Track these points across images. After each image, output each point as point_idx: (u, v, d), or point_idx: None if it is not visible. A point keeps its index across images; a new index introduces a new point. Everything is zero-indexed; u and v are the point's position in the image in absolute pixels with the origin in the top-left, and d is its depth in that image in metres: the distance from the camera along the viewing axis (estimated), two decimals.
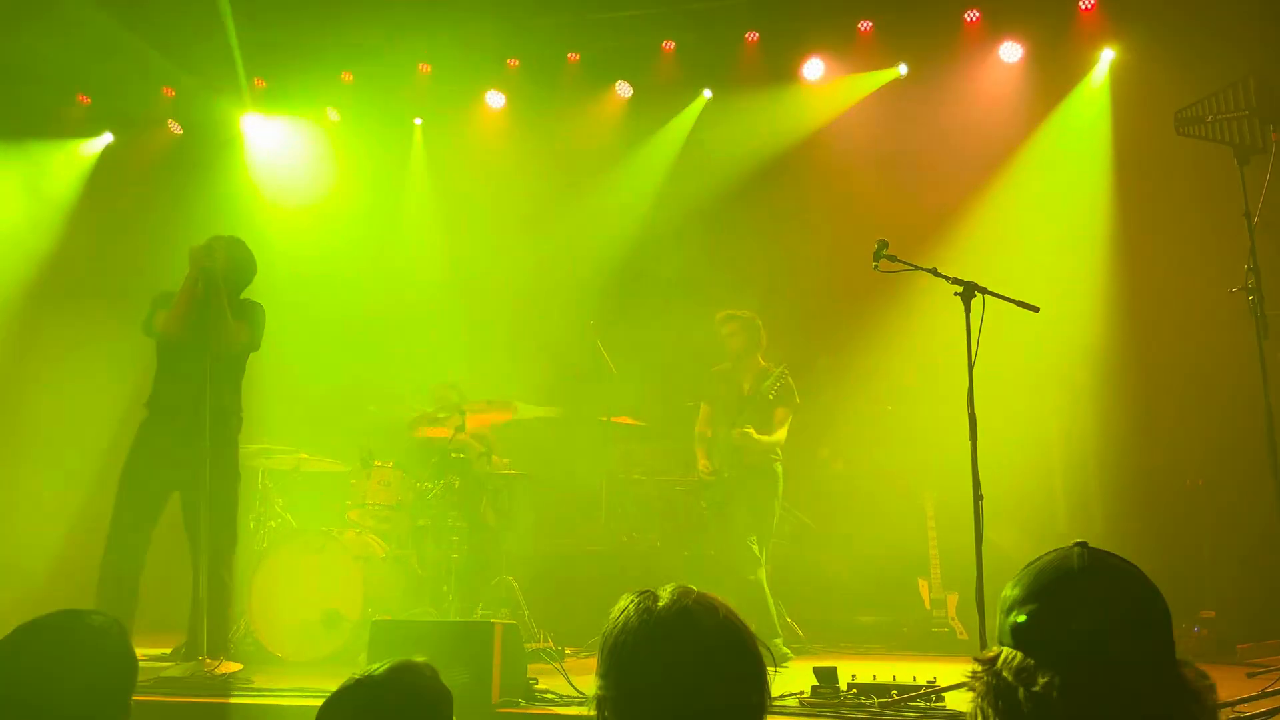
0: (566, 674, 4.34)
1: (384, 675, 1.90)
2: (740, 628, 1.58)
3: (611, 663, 1.58)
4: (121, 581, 4.78)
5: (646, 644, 1.54)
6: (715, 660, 1.52)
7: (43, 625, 1.86)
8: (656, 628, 1.54)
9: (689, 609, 1.57)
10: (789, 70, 8.16)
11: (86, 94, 8.96)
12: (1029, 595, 1.32)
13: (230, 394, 5.13)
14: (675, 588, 1.62)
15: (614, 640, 1.58)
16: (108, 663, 1.87)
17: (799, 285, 7.87)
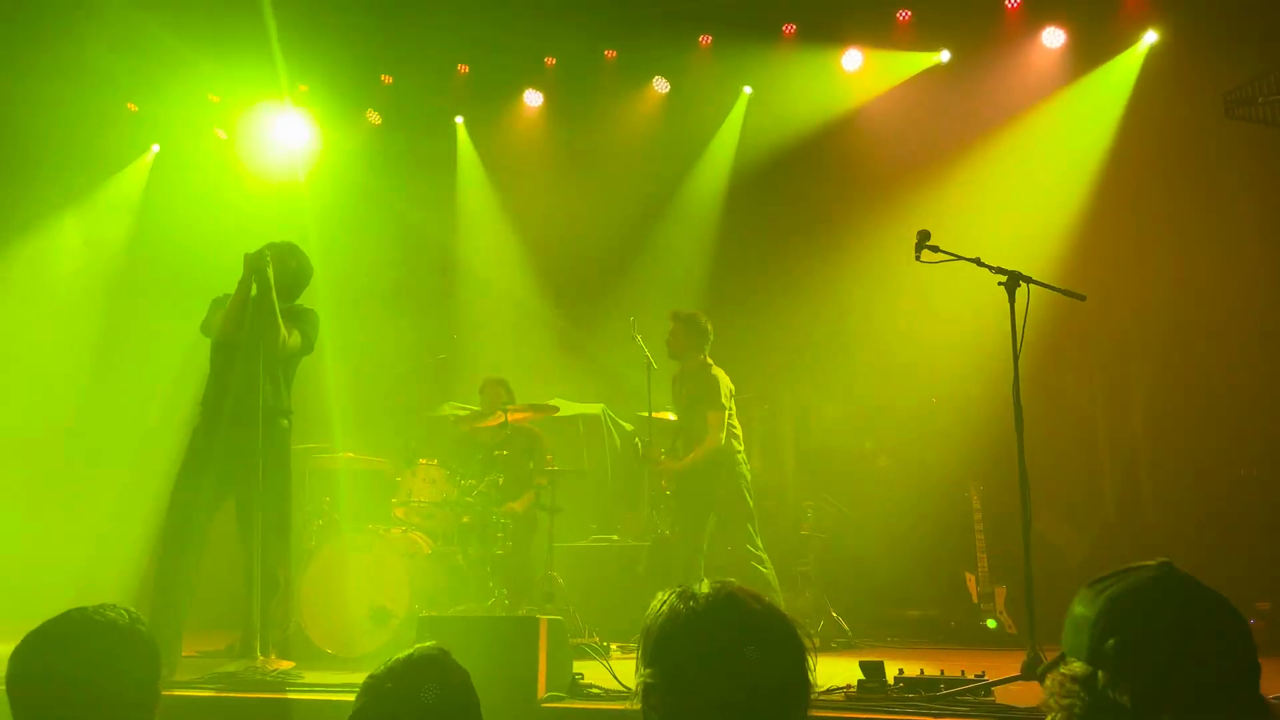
0: (611, 669, 4.36)
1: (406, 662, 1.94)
2: (783, 615, 1.58)
3: (656, 651, 1.59)
4: (176, 580, 4.86)
5: (691, 631, 1.55)
6: (759, 646, 1.53)
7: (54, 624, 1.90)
8: (700, 615, 1.55)
9: (732, 596, 1.58)
10: (827, 62, 8.09)
11: (134, 101, 9.13)
12: (1115, 619, 1.36)
13: (282, 395, 5.21)
14: (716, 580, 1.62)
15: (658, 628, 1.59)
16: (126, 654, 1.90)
17: (840, 278, 7.81)
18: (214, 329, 5.13)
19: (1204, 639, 1.33)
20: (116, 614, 1.90)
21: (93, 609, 1.90)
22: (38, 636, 1.84)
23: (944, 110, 7.80)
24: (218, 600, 5.86)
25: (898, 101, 8.04)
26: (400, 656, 2.03)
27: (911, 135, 7.91)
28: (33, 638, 1.85)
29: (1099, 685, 1.34)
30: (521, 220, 8.80)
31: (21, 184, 8.69)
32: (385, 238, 8.79)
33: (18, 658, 1.83)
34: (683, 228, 8.46)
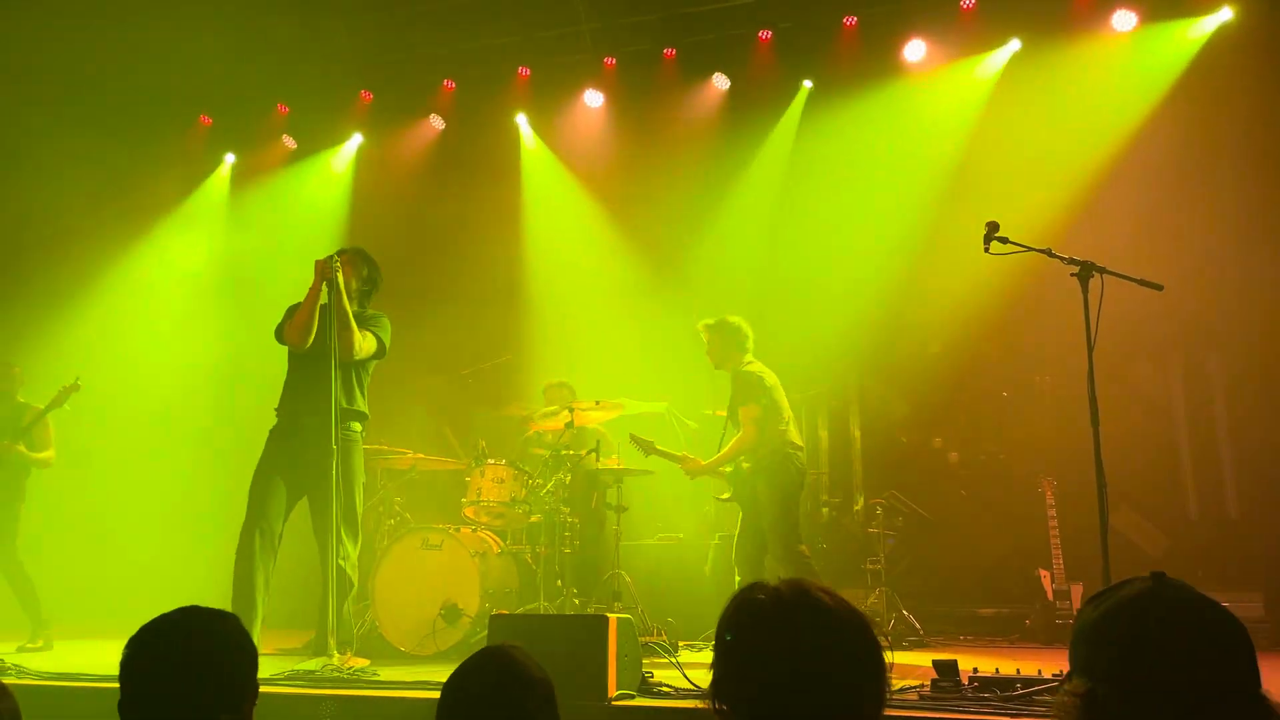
0: (681, 667, 4.36)
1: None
2: (860, 616, 1.57)
3: (728, 644, 1.59)
4: (254, 580, 4.98)
5: (766, 628, 1.54)
6: (835, 647, 1.51)
7: (166, 618, 1.97)
8: (776, 613, 1.55)
9: (809, 595, 1.57)
10: (890, 54, 7.99)
11: (208, 115, 9.39)
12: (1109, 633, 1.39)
13: (356, 399, 5.32)
14: (793, 579, 1.61)
15: (730, 621, 1.59)
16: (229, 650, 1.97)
17: (906, 272, 7.70)
18: (286, 336, 5.24)
19: (1198, 646, 1.33)
20: (222, 614, 1.99)
21: (201, 608, 1.99)
22: (150, 629, 1.92)
23: (1012, 98, 7.64)
24: (294, 599, 6.01)
25: (966, 90, 7.90)
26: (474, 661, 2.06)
27: (982, 124, 7.76)
28: (146, 630, 1.93)
29: (1099, 699, 1.35)
30: (585, 219, 8.84)
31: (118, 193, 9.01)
32: (449, 239, 8.92)
33: (133, 646, 1.91)
34: (744, 223, 8.42)
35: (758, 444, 5.74)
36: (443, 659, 5.63)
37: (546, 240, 8.88)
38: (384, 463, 6.62)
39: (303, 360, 5.21)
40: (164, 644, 1.90)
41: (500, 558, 6.18)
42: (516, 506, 6.21)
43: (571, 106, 8.88)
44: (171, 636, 1.91)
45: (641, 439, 6.12)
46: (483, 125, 9.01)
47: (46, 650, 6.19)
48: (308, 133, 9.36)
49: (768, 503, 5.73)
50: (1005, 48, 7.78)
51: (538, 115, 9.04)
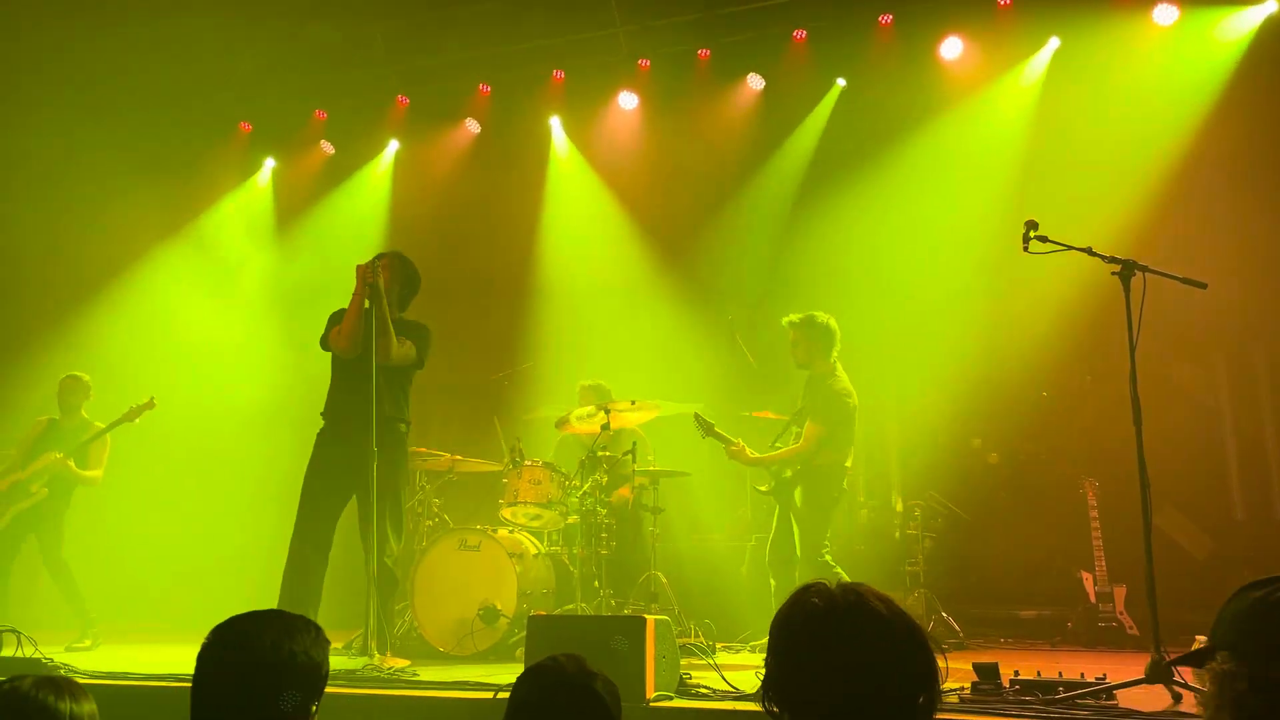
0: (719, 669, 4.37)
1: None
2: (915, 626, 1.57)
3: (780, 646, 1.59)
4: (305, 582, 5.05)
5: (820, 630, 1.55)
6: (889, 657, 1.52)
7: (244, 617, 2.03)
8: (830, 615, 1.55)
9: (862, 599, 1.57)
10: (925, 52, 7.94)
11: (248, 121, 9.53)
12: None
13: (399, 404, 5.37)
14: (850, 584, 1.62)
15: (783, 623, 1.60)
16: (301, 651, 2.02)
17: (943, 271, 7.63)
18: (331, 343, 5.30)
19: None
20: (299, 620, 2.09)
21: (280, 612, 2.09)
22: (228, 626, 1.99)
23: (1053, 96, 7.56)
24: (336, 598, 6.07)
25: (1001, 88, 7.83)
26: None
27: (1021, 121, 7.69)
28: (224, 626, 2.00)
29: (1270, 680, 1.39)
30: (618, 220, 8.86)
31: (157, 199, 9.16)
32: (485, 242, 8.98)
33: (210, 640, 2.00)
34: (777, 222, 8.39)
35: (811, 458, 5.73)
36: (481, 659, 5.67)
37: (581, 243, 8.90)
38: (422, 464, 6.68)
39: (347, 365, 5.27)
40: (238, 640, 1.96)
41: (537, 559, 6.21)
42: (553, 508, 6.23)
43: (606, 109, 8.90)
44: (248, 634, 1.96)
45: (704, 418, 6.09)
46: (518, 128, 9.05)
47: (93, 650, 6.31)
48: (345, 138, 9.47)
49: (803, 511, 5.73)
50: (1045, 48, 7.70)
51: (572, 118, 9.06)
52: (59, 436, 6.81)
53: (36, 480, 6.64)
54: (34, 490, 6.62)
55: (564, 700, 2.17)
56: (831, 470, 5.76)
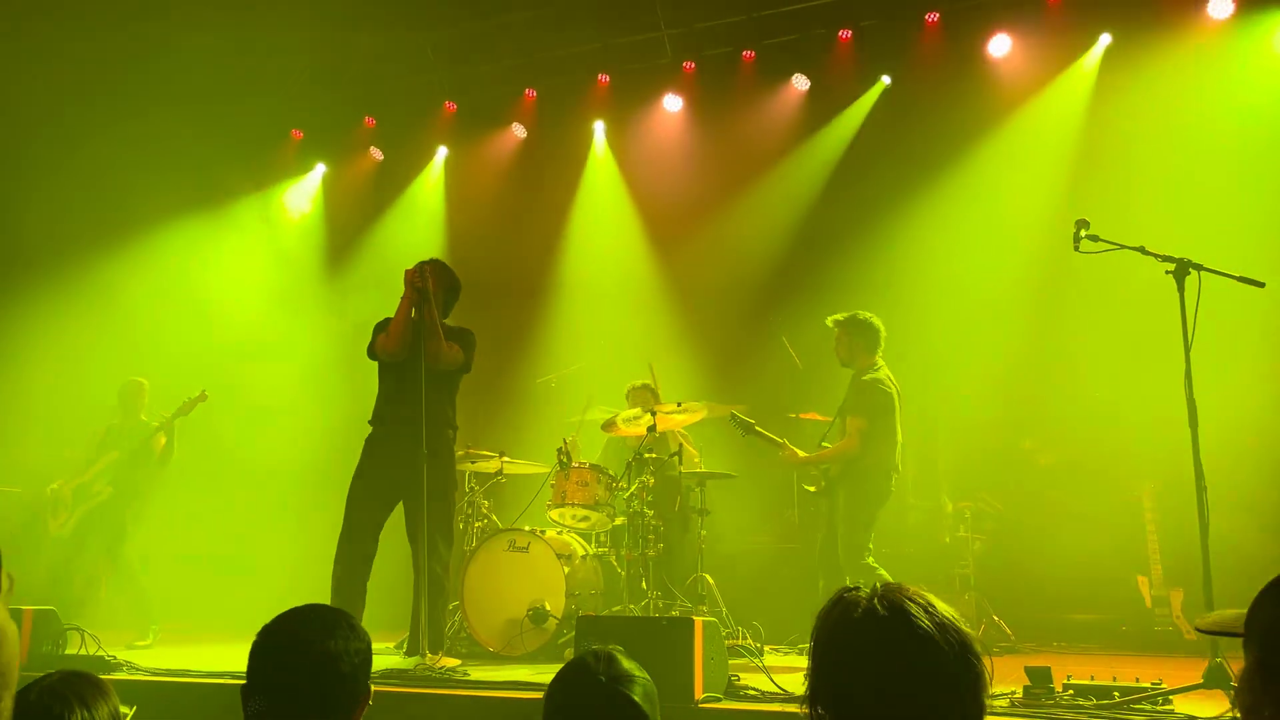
0: (768, 671, 4.37)
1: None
2: (960, 630, 1.54)
3: (823, 653, 1.57)
4: (351, 583, 5.14)
5: (860, 639, 1.52)
6: (933, 662, 1.48)
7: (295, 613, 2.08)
8: (873, 624, 1.52)
9: (906, 607, 1.54)
10: (974, 50, 7.86)
11: (300, 129, 9.71)
12: None
13: (447, 407, 5.44)
14: (891, 585, 1.59)
15: (825, 630, 1.57)
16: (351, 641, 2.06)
17: (994, 270, 7.55)
18: (379, 349, 5.37)
19: None
20: (344, 617, 2.12)
21: (327, 608, 2.13)
22: (279, 623, 2.05)
23: (1103, 93, 7.44)
24: (386, 598, 6.15)
25: (1051, 86, 7.73)
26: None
27: (1067, 120, 7.58)
28: (276, 622, 2.06)
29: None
30: (664, 223, 8.88)
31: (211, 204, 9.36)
32: (531, 245, 9.05)
33: (261, 637, 2.04)
34: (825, 222, 8.35)
35: (857, 457, 5.71)
36: (530, 660, 5.72)
37: (626, 245, 8.94)
38: (471, 466, 6.75)
39: (394, 370, 5.35)
40: (288, 638, 2.01)
41: (585, 560, 6.25)
42: (601, 509, 6.27)
43: (651, 112, 8.93)
44: (297, 632, 2.01)
45: (742, 418, 6.08)
46: (563, 133, 9.12)
47: (153, 647, 6.46)
48: (394, 144, 9.60)
49: (844, 512, 5.73)
50: (1096, 46, 7.59)
51: (617, 121, 9.11)
52: (118, 438, 7.00)
53: (99, 480, 6.82)
54: (97, 490, 6.80)
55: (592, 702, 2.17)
56: (874, 470, 5.72)
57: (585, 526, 6.47)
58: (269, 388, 8.87)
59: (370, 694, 2.06)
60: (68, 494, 6.84)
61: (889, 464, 5.77)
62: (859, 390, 5.79)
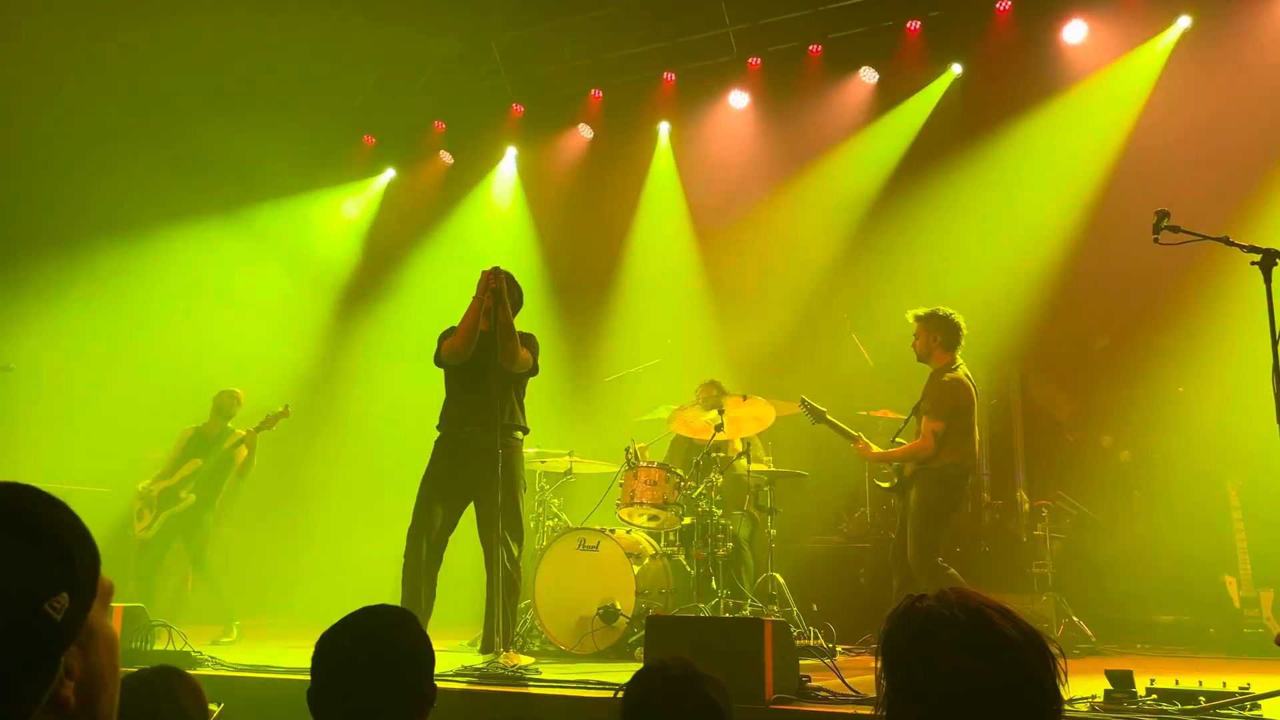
0: (839, 671, 4.33)
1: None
2: (1036, 635, 1.51)
3: (895, 662, 1.56)
4: (420, 583, 5.23)
5: (933, 646, 1.50)
6: (1007, 669, 1.47)
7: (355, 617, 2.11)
8: (947, 631, 1.50)
9: (982, 613, 1.51)
10: (1048, 36, 7.68)
11: (372, 135, 9.90)
12: None
13: (516, 409, 5.50)
14: (963, 590, 1.57)
15: (898, 638, 1.56)
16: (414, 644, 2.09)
17: (1069, 263, 7.37)
18: (446, 350, 5.43)
19: None
20: (408, 618, 2.14)
21: (389, 609, 2.15)
22: (342, 626, 2.08)
23: (1182, 79, 7.21)
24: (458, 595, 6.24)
25: (1131, 71, 7.51)
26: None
27: (1149, 106, 7.36)
28: (338, 627, 2.08)
29: None
30: (731, 220, 8.85)
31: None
32: (599, 245, 9.09)
33: (324, 642, 2.07)
34: (894, 216, 8.23)
35: (930, 459, 5.62)
36: (601, 658, 5.75)
37: (694, 243, 8.93)
38: (541, 465, 6.81)
39: (463, 374, 5.42)
40: (352, 642, 2.04)
41: (655, 559, 6.26)
42: (669, 509, 6.27)
43: (717, 108, 8.91)
44: (360, 636, 2.05)
45: (812, 404, 6.01)
46: (629, 132, 9.15)
47: (236, 643, 6.64)
48: (463, 148, 9.73)
49: (916, 512, 5.63)
50: (1174, 27, 7.36)
51: (682, 119, 9.10)
52: (205, 445, 7.20)
53: (184, 487, 7.04)
54: (183, 496, 7.02)
55: (671, 700, 2.19)
56: (949, 473, 5.63)
57: (654, 525, 6.48)
58: (343, 392, 9.06)
59: (435, 694, 2.09)
60: (154, 496, 7.06)
61: (966, 465, 5.66)
62: (939, 390, 5.67)
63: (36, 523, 1.00)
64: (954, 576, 5.56)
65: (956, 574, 5.54)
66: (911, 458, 5.71)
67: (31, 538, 0.98)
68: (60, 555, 1.00)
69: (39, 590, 0.96)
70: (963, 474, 5.67)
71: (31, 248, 8.78)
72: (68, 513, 1.04)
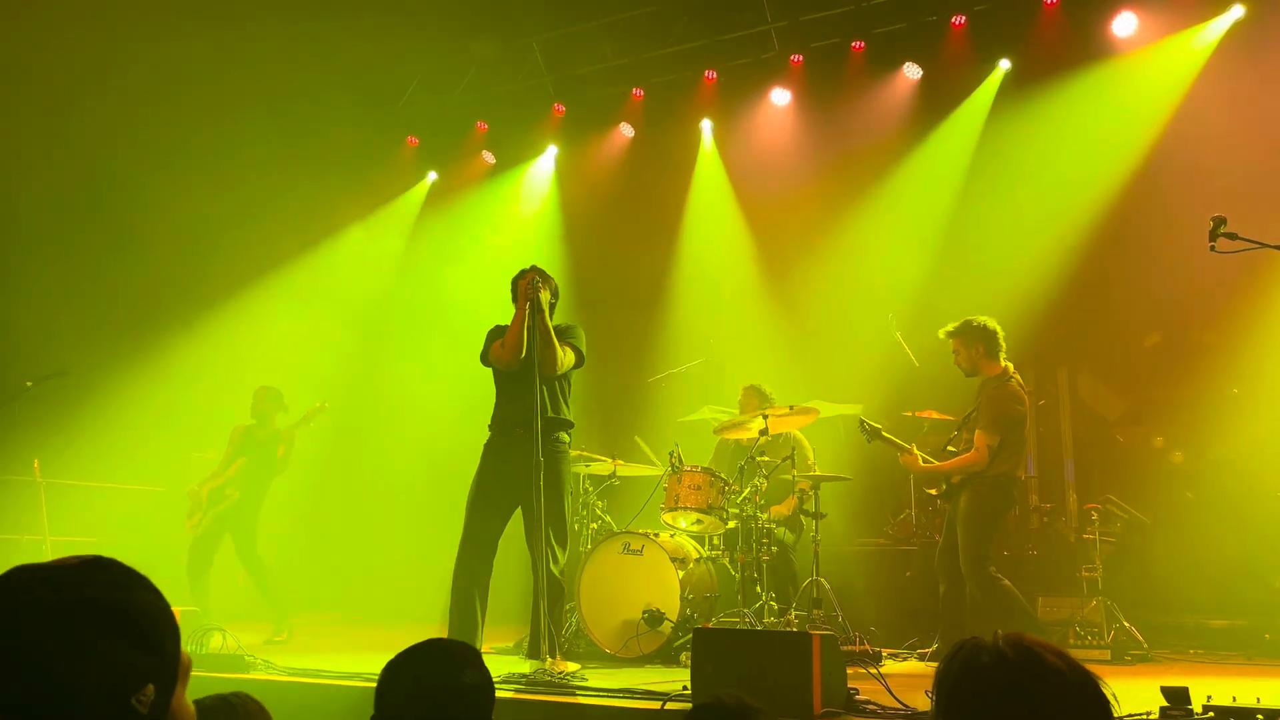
0: (885, 681, 4.31)
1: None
2: (1091, 682, 1.52)
3: (949, 705, 1.56)
4: (472, 591, 5.27)
5: (986, 688, 1.51)
6: (1064, 699, 1.48)
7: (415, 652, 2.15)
8: (1004, 679, 1.51)
9: (1032, 652, 1.52)
10: (1097, 29, 7.54)
11: (415, 136, 9.97)
12: None
13: (562, 409, 5.52)
14: (1017, 636, 1.58)
15: (951, 680, 1.56)
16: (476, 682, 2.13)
17: (1119, 260, 7.25)
18: (493, 357, 5.47)
19: None
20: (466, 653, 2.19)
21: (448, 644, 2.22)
22: (402, 662, 2.12)
23: (1234, 70, 7.04)
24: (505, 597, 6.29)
25: (1182, 63, 7.35)
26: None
27: (1199, 100, 7.20)
28: (398, 662, 2.13)
29: None
30: (773, 218, 8.80)
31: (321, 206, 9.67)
32: (641, 245, 9.08)
33: (385, 676, 2.14)
34: (938, 213, 8.14)
35: (983, 470, 5.56)
36: (646, 662, 5.77)
37: (737, 243, 8.90)
38: (585, 468, 6.83)
39: (511, 377, 5.44)
40: (417, 677, 2.08)
41: (699, 564, 6.26)
42: (714, 513, 6.27)
43: (758, 106, 8.86)
44: (425, 672, 2.09)
45: (870, 424, 5.97)
46: (671, 131, 9.13)
47: (288, 642, 6.75)
48: (505, 148, 9.76)
49: (966, 519, 5.59)
50: (1226, 15, 7.19)
51: (724, 117, 9.06)
52: (249, 442, 7.31)
53: (230, 485, 7.16)
54: (228, 494, 7.14)
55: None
56: (999, 482, 5.59)
57: (699, 529, 6.48)
58: (392, 391, 9.15)
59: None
60: (204, 495, 7.19)
61: (1012, 479, 5.63)
62: (994, 403, 5.59)
63: (125, 613, 1.02)
64: (1008, 589, 5.51)
65: (1010, 586, 5.49)
66: (963, 471, 5.65)
67: (122, 631, 1.00)
68: (149, 647, 1.02)
69: (128, 686, 0.99)
70: (1010, 482, 5.64)
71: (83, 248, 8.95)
72: (152, 592, 1.07)
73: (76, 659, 0.97)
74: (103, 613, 1.01)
